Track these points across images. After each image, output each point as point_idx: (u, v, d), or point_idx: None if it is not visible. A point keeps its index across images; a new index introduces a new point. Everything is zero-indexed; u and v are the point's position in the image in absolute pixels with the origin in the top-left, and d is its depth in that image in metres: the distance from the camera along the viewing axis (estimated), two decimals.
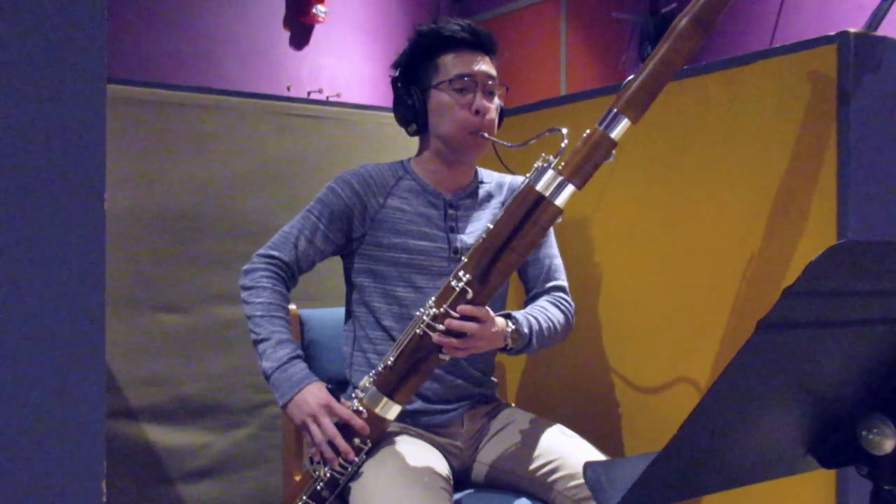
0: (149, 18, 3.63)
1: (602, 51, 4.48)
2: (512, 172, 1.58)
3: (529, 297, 1.55)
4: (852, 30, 1.24)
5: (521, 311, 1.43)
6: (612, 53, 4.35)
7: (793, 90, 1.32)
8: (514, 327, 1.36)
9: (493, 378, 1.55)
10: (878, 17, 1.37)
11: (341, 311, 1.59)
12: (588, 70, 4.52)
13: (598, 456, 1.35)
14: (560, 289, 1.54)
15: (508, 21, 4.68)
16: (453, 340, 1.23)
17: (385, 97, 4.36)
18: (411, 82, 1.45)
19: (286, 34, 4.17)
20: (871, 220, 1.26)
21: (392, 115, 1.51)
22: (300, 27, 4.20)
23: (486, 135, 1.41)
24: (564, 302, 1.52)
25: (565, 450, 1.35)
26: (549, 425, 1.44)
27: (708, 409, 0.68)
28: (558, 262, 1.57)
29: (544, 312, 1.45)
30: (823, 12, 3.53)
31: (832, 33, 1.25)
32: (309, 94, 4.06)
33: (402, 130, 1.50)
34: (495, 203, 1.54)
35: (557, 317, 1.47)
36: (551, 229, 1.51)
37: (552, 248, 1.57)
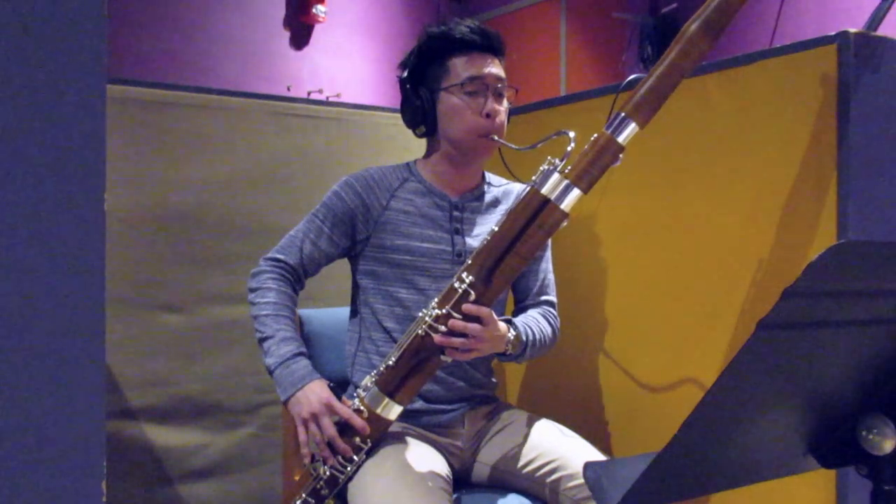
0: (149, 18, 3.63)
1: (602, 51, 4.48)
2: (515, 176, 1.58)
3: (518, 308, 1.55)
4: (852, 30, 1.24)
5: (518, 319, 1.44)
6: (612, 53, 4.35)
7: (793, 90, 1.32)
8: (515, 333, 1.36)
9: (493, 379, 1.55)
10: (878, 17, 1.37)
11: (341, 311, 1.59)
12: (588, 70, 4.52)
13: (598, 456, 1.35)
14: (551, 304, 1.55)
15: (508, 21, 4.67)
16: (455, 341, 1.22)
17: (385, 97, 4.36)
18: (420, 84, 1.45)
19: (286, 34, 4.17)
20: (871, 220, 1.26)
21: (392, 115, 1.50)
22: (300, 27, 4.21)
23: (495, 137, 1.41)
24: (553, 318, 1.52)
25: (565, 450, 1.35)
26: (550, 425, 1.44)
27: (708, 409, 0.68)
28: (552, 276, 1.57)
29: (538, 325, 1.45)
30: (823, 12, 3.53)
31: (832, 33, 1.25)
32: (309, 94, 4.06)
33: (402, 131, 1.49)
34: (502, 209, 1.53)
35: (548, 332, 1.47)
36: (549, 241, 1.51)
37: (548, 262, 1.57)
